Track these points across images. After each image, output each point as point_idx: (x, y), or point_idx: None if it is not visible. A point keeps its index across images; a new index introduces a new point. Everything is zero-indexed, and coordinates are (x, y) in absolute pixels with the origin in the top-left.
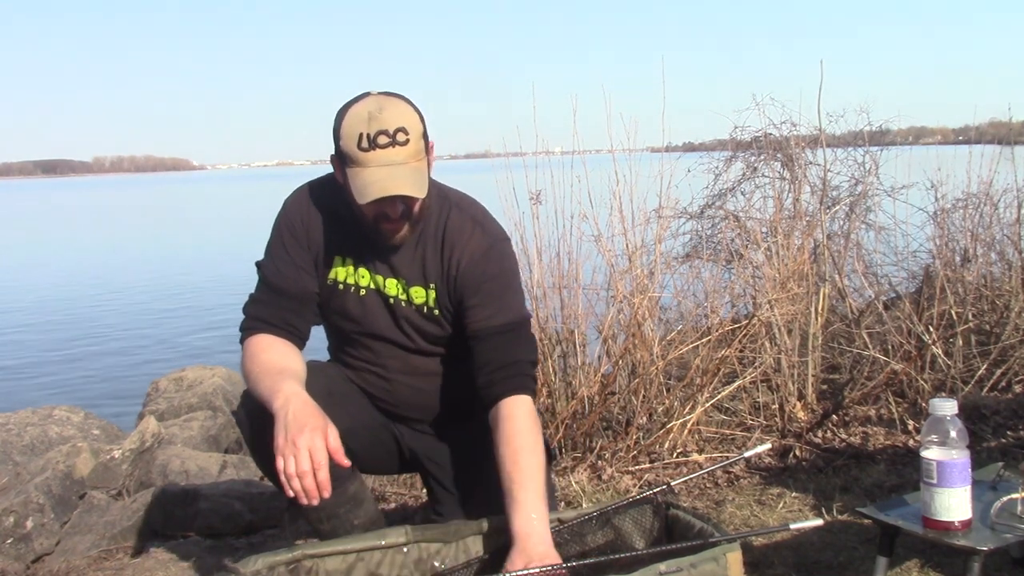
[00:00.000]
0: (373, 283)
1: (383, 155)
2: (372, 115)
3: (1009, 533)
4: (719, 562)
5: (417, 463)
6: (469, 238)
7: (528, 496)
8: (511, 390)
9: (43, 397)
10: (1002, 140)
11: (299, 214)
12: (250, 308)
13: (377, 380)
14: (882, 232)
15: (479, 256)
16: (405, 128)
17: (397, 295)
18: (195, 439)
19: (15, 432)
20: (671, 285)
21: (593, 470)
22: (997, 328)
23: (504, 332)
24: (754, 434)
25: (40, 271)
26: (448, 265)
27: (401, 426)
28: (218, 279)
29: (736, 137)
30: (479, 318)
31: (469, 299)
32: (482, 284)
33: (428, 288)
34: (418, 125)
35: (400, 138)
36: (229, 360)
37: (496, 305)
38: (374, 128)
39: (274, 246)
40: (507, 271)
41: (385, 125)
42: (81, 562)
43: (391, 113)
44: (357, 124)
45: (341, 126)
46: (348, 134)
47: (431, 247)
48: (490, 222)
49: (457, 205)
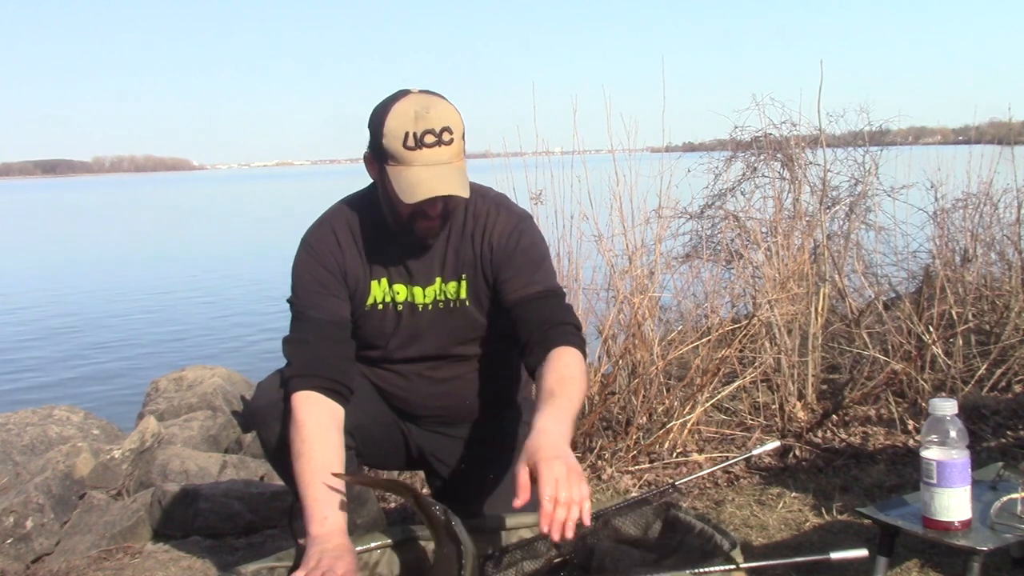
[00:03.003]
0: (409, 296)
1: (429, 154)
2: (419, 114)
3: (1009, 533)
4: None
5: (423, 461)
6: (496, 220)
7: (561, 406)
8: (563, 343)
9: (43, 397)
10: (1002, 140)
11: (328, 247)
12: (290, 350)
13: (395, 378)
14: (882, 232)
15: (508, 233)
16: (450, 128)
17: (435, 298)
18: (195, 439)
19: (15, 432)
20: (671, 285)
21: (593, 470)
22: (997, 328)
23: (544, 297)
24: (754, 434)
25: (40, 271)
26: (480, 250)
27: (411, 424)
28: (218, 279)
29: (736, 137)
30: (516, 287)
31: (504, 272)
32: (515, 257)
33: (461, 280)
34: (460, 125)
35: (446, 138)
36: (229, 360)
37: (531, 275)
38: (421, 127)
39: (305, 280)
40: (537, 243)
41: (432, 124)
42: (81, 562)
43: (437, 112)
44: (403, 122)
45: (384, 123)
46: (392, 132)
47: (460, 238)
48: (511, 203)
49: (478, 193)
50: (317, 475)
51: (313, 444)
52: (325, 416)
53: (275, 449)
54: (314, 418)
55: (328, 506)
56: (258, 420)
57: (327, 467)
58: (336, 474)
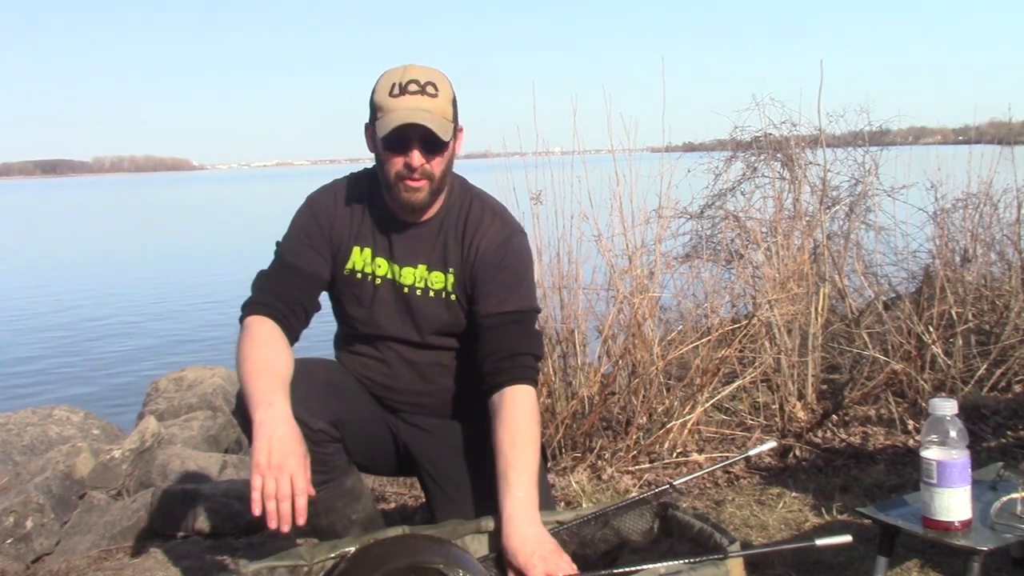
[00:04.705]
0: (390, 273)
1: (411, 100)
2: (407, 69)
3: (1009, 533)
4: (719, 565)
5: (413, 463)
6: (489, 226)
7: (521, 479)
8: (515, 379)
9: (43, 397)
10: (1002, 140)
11: (324, 204)
12: (258, 282)
13: (378, 365)
14: (882, 232)
15: (497, 244)
16: (435, 83)
17: (414, 283)
18: (195, 439)
19: (15, 432)
20: (671, 285)
21: (593, 470)
22: (997, 328)
23: (512, 321)
24: (754, 434)
25: (40, 271)
26: (468, 251)
27: (398, 420)
28: (218, 278)
29: (736, 137)
30: (489, 304)
31: (482, 285)
32: (497, 272)
33: (447, 272)
34: (449, 91)
35: (430, 90)
36: (230, 360)
37: (507, 293)
38: (406, 78)
39: (295, 228)
40: (522, 262)
41: (417, 76)
42: (81, 562)
43: (425, 71)
44: (391, 76)
45: (377, 84)
46: (381, 87)
47: (452, 233)
48: (509, 215)
49: (479, 197)
50: (262, 369)
51: (261, 348)
52: (275, 331)
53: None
54: (264, 331)
55: (273, 394)
56: (240, 417)
57: (273, 365)
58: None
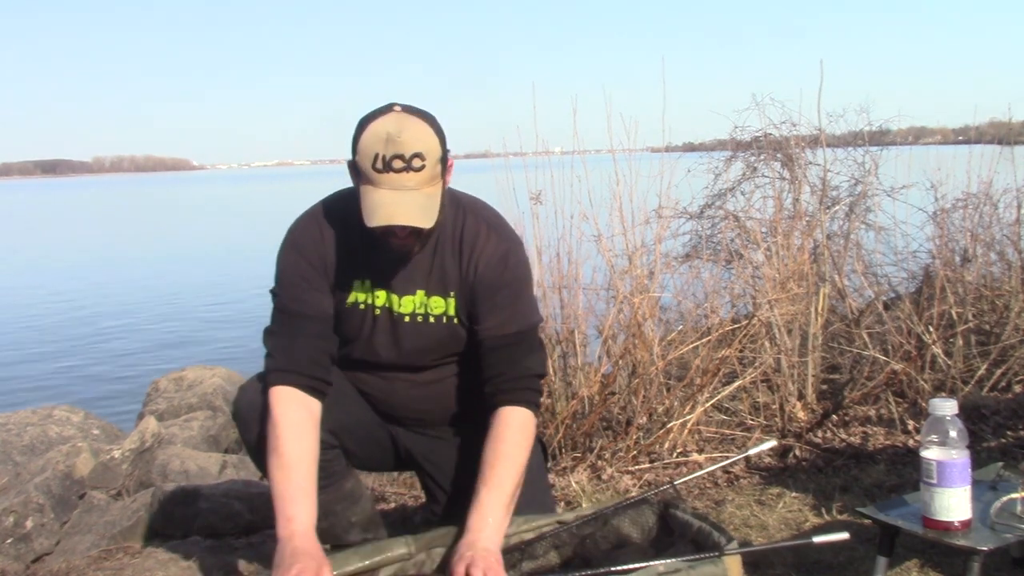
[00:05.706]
0: (388, 302)
1: (396, 179)
2: (391, 137)
3: (1009, 533)
4: (716, 563)
5: (413, 462)
6: (485, 243)
7: (492, 499)
8: (513, 402)
9: (43, 397)
10: (1002, 140)
11: (311, 239)
12: (270, 341)
13: (378, 383)
14: (882, 232)
15: (495, 261)
16: (422, 154)
17: (414, 311)
18: (195, 439)
19: (15, 432)
20: (671, 285)
21: (593, 470)
22: (997, 328)
23: (513, 343)
24: (754, 434)
25: (40, 271)
26: (466, 270)
27: (398, 427)
28: (219, 279)
29: (736, 137)
30: (490, 326)
31: (482, 305)
32: (496, 292)
33: (448, 297)
34: (436, 149)
35: (416, 164)
36: (229, 360)
37: (507, 313)
38: (391, 151)
39: (287, 273)
40: (521, 278)
41: (401, 149)
42: (81, 562)
43: (410, 136)
44: (374, 143)
45: (360, 140)
46: (364, 152)
47: (449, 254)
48: (504, 226)
49: (471, 211)
50: (286, 471)
51: (286, 441)
52: (301, 412)
53: (256, 448)
54: (289, 415)
55: (295, 504)
56: (239, 421)
57: (298, 463)
58: None
